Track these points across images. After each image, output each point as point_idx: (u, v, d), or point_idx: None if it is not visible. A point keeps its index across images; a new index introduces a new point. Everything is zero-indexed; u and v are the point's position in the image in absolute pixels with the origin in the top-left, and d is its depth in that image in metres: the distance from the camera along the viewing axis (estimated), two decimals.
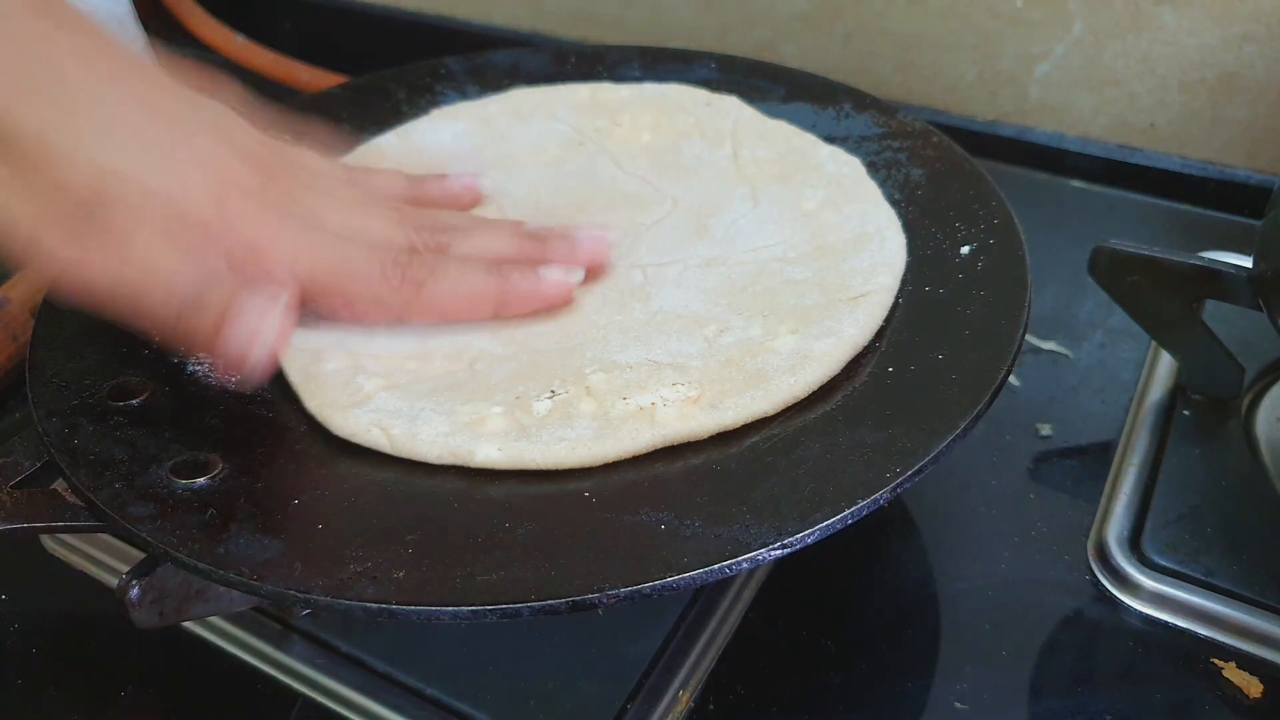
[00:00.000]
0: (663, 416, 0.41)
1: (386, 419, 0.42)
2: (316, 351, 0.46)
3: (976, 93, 0.79)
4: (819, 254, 0.50)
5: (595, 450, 0.40)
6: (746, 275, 0.49)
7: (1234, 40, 0.70)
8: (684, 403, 0.42)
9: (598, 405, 0.42)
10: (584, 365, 0.45)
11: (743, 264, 0.50)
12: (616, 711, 0.42)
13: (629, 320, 0.47)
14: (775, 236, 0.52)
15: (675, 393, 0.42)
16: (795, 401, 0.43)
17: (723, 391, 0.42)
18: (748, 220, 0.53)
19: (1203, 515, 0.49)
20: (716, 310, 0.47)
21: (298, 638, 0.47)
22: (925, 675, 0.44)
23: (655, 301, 0.48)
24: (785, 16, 0.83)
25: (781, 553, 0.35)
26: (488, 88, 0.65)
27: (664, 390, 0.42)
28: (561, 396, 0.43)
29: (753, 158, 0.58)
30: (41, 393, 0.44)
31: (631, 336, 0.46)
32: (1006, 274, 0.47)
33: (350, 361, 0.45)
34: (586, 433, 0.41)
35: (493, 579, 0.35)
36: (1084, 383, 0.58)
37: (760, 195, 0.55)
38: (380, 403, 0.43)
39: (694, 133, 0.60)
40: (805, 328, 0.45)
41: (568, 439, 0.41)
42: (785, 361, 0.43)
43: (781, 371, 0.43)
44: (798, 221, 0.52)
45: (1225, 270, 0.49)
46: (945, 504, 0.52)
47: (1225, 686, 0.43)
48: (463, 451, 0.41)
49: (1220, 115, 0.72)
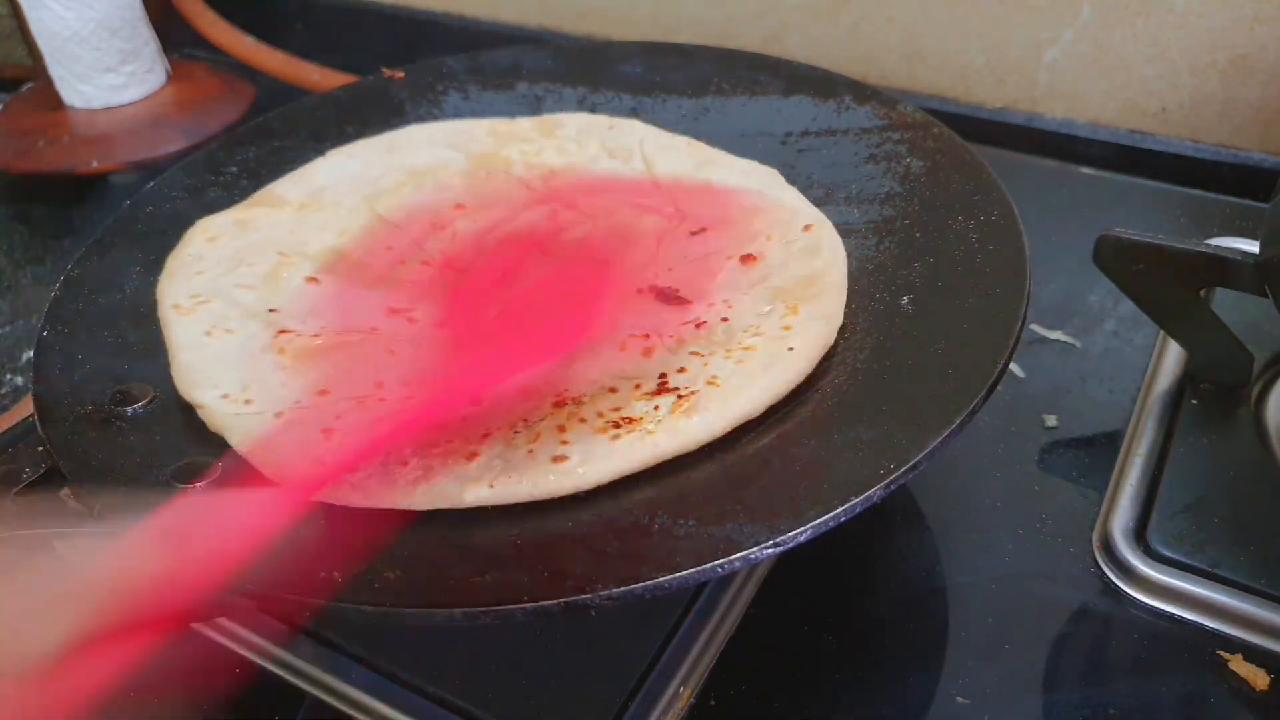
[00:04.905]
0: (650, 431, 0.41)
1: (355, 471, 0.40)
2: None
3: (984, 80, 0.79)
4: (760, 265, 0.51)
5: (588, 477, 0.40)
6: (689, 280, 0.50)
7: (1245, 21, 0.69)
8: (667, 417, 0.42)
9: (575, 431, 0.42)
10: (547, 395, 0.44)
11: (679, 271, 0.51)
12: (617, 709, 0.42)
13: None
14: (712, 245, 0.52)
15: (655, 408, 0.42)
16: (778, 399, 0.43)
17: (702, 399, 0.42)
18: (676, 233, 0.54)
19: (1210, 506, 0.48)
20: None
21: (304, 638, 0.47)
22: (928, 669, 0.44)
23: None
24: (791, 7, 0.82)
25: (774, 551, 0.35)
26: (489, 86, 0.65)
27: (640, 405, 0.42)
28: (538, 425, 0.42)
29: (669, 173, 0.58)
30: (45, 399, 0.44)
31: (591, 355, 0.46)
32: (1006, 266, 0.47)
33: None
34: (575, 459, 0.40)
35: (487, 580, 0.35)
36: (1091, 372, 0.57)
37: (681, 205, 0.55)
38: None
39: (602, 155, 0.60)
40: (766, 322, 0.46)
41: (556, 470, 0.40)
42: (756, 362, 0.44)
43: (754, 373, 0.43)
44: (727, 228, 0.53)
45: (1231, 257, 0.49)
46: (950, 496, 0.51)
47: (1232, 679, 0.43)
48: (450, 494, 0.40)
49: (1232, 98, 0.71)
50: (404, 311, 0.50)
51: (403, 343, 0.47)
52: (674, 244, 0.53)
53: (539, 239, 0.55)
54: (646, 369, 0.45)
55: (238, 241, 0.54)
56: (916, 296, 0.47)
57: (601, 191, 0.58)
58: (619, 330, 0.48)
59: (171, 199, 0.59)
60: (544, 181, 0.59)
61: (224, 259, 0.53)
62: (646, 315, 0.48)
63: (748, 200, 0.55)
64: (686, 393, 0.43)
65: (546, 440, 0.41)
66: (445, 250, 0.54)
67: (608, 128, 0.62)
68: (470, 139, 0.62)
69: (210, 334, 0.48)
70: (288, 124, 0.65)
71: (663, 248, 0.53)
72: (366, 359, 0.46)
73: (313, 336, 0.48)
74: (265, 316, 0.49)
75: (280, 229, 0.55)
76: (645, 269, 0.52)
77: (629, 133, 0.61)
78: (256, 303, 0.50)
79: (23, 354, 0.75)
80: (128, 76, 0.87)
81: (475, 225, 0.56)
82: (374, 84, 0.68)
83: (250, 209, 0.57)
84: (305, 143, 0.62)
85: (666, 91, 0.65)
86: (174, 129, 0.85)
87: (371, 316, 0.49)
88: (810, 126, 0.60)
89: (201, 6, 0.97)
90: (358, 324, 0.49)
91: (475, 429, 0.42)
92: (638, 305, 0.49)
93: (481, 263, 0.53)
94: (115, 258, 0.54)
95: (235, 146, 0.63)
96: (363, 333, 0.48)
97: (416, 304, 0.50)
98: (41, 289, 0.82)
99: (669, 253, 0.53)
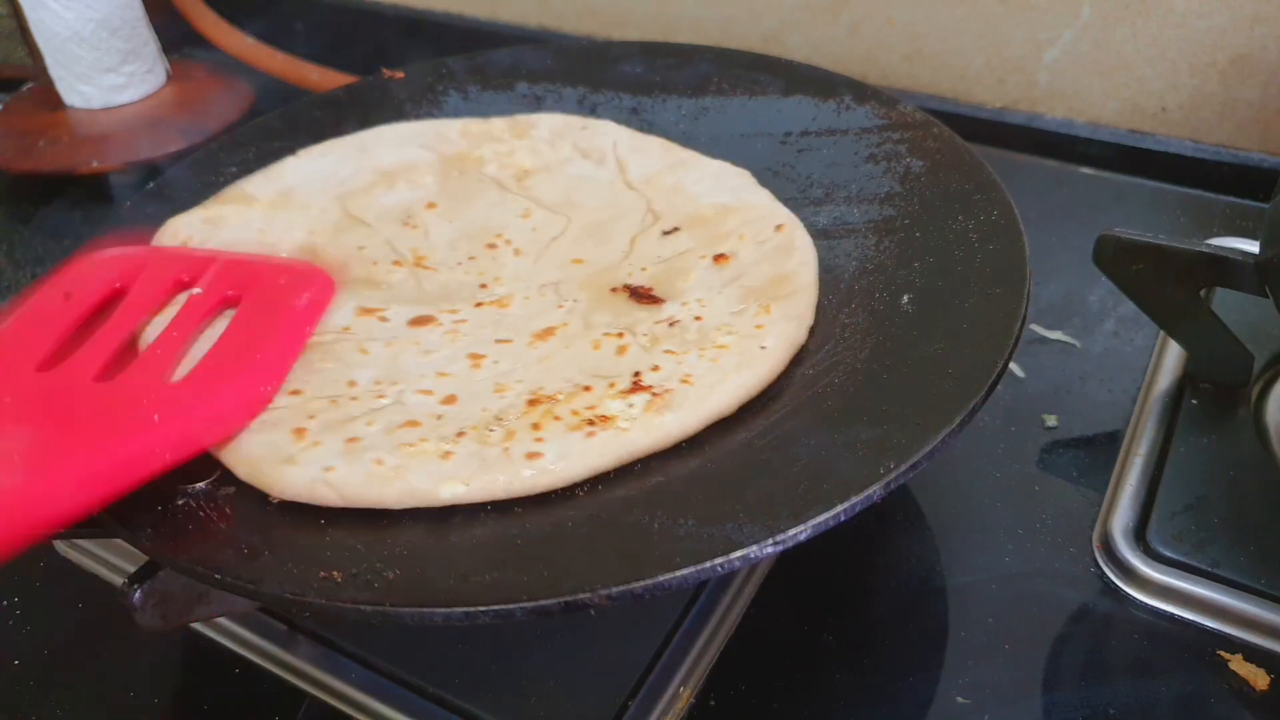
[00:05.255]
0: (624, 429, 0.41)
1: (328, 471, 0.40)
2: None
3: (984, 80, 0.79)
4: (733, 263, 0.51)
5: (563, 474, 0.40)
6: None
7: (1245, 21, 0.69)
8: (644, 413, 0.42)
9: (549, 429, 0.42)
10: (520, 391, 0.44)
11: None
12: (617, 709, 0.42)
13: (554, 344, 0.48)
14: (684, 244, 0.53)
15: (629, 406, 0.42)
16: (751, 397, 0.43)
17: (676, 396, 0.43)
18: (649, 233, 0.54)
19: (1209, 506, 0.48)
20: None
21: (304, 638, 0.47)
22: (928, 669, 0.44)
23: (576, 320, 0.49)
24: (791, 7, 0.82)
25: (774, 551, 0.35)
26: (489, 86, 0.65)
27: (614, 404, 0.42)
28: (513, 424, 0.42)
29: (641, 174, 0.58)
30: None
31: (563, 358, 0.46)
32: (1006, 266, 0.47)
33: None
34: (550, 456, 0.40)
35: (486, 580, 0.35)
36: (1091, 372, 0.57)
37: (654, 206, 0.56)
38: (317, 454, 0.41)
39: (575, 155, 0.61)
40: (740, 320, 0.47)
41: (532, 467, 0.40)
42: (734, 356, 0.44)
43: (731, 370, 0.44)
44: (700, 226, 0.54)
45: (1231, 257, 0.49)
46: (950, 496, 0.51)
47: (1232, 679, 0.43)
48: (425, 492, 0.40)
49: (1232, 98, 0.71)
50: (376, 311, 0.50)
51: (375, 342, 0.48)
52: (647, 244, 0.54)
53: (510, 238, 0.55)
54: (621, 367, 0.45)
55: (209, 242, 0.54)
56: (916, 296, 0.47)
57: (574, 191, 0.58)
58: (593, 329, 0.48)
59: (171, 199, 0.59)
60: (516, 181, 0.59)
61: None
62: (621, 314, 0.49)
63: (720, 200, 0.55)
64: (661, 390, 0.43)
65: (521, 438, 0.41)
66: (417, 250, 0.54)
67: (580, 128, 0.62)
68: (442, 139, 0.62)
69: None
70: (288, 124, 0.65)
71: (636, 248, 0.54)
72: (339, 358, 0.46)
73: None
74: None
75: (249, 229, 0.55)
76: (619, 268, 0.52)
77: (601, 134, 0.62)
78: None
79: None
80: (128, 76, 0.87)
81: (448, 225, 0.56)
82: (374, 84, 0.68)
83: (220, 206, 0.57)
84: (305, 143, 0.62)
85: (666, 91, 0.65)
86: (174, 129, 0.85)
87: (343, 316, 0.49)
88: (810, 126, 0.60)
89: (202, 7, 0.97)
90: (330, 324, 0.49)
91: (449, 428, 0.42)
92: (612, 304, 0.50)
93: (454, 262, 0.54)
94: None
95: (235, 146, 0.63)
96: (335, 333, 0.48)
97: (389, 303, 0.50)
98: None
99: (642, 252, 0.53)
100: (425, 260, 0.54)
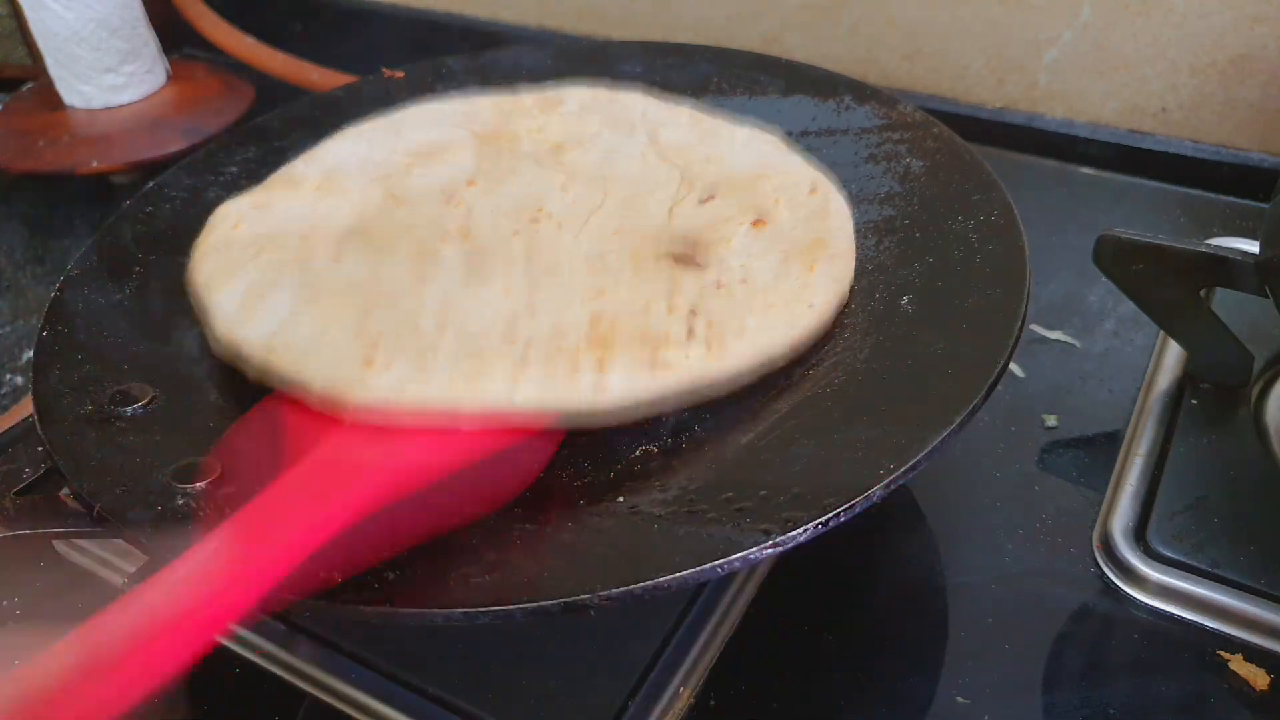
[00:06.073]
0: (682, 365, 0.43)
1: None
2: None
3: (984, 80, 0.79)
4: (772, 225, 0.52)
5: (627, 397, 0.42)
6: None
7: (1245, 21, 0.69)
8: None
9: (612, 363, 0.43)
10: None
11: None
12: (617, 709, 0.42)
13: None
14: (722, 211, 0.53)
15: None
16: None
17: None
18: (685, 201, 0.54)
19: (1209, 506, 0.48)
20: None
21: (304, 638, 0.47)
22: (928, 669, 0.44)
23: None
24: (791, 7, 0.82)
25: (774, 551, 0.35)
26: (489, 86, 0.65)
27: (671, 354, 0.44)
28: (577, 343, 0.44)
29: (672, 143, 0.58)
30: (44, 399, 0.44)
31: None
32: (1006, 265, 0.47)
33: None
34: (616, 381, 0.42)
35: (485, 580, 0.35)
36: (1091, 372, 0.57)
37: (688, 174, 0.56)
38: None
39: (604, 128, 0.61)
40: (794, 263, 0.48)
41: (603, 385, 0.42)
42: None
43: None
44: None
45: (1231, 257, 0.49)
46: (950, 496, 0.51)
47: (1232, 679, 0.43)
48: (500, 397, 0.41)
49: (1232, 98, 0.71)
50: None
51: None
52: (684, 212, 0.54)
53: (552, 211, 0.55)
54: (672, 324, 0.46)
55: (257, 227, 0.54)
56: (916, 296, 0.47)
57: (607, 165, 0.58)
58: (640, 295, 0.48)
59: (171, 199, 0.59)
60: (552, 156, 0.59)
61: (246, 244, 0.52)
62: (666, 280, 0.49)
63: (752, 166, 0.55)
64: (716, 337, 0.44)
65: (585, 370, 0.43)
66: (461, 226, 0.54)
67: (608, 101, 0.63)
68: (473, 118, 0.62)
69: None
70: (288, 124, 0.65)
71: (674, 217, 0.54)
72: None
73: None
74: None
75: (297, 214, 0.55)
76: (659, 237, 0.52)
77: (630, 106, 0.62)
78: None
79: (23, 354, 0.75)
80: (128, 76, 0.87)
81: (489, 201, 0.56)
82: (374, 84, 0.68)
83: (268, 191, 0.57)
84: (305, 143, 0.62)
85: (666, 91, 0.65)
86: (174, 129, 0.85)
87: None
88: (810, 126, 0.60)
89: (201, 6, 0.97)
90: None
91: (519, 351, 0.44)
92: (656, 271, 0.50)
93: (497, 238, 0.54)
94: (115, 258, 0.54)
95: (235, 146, 0.63)
96: None
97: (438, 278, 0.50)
98: (41, 289, 0.82)
99: (681, 221, 0.53)
100: (472, 237, 0.53)
